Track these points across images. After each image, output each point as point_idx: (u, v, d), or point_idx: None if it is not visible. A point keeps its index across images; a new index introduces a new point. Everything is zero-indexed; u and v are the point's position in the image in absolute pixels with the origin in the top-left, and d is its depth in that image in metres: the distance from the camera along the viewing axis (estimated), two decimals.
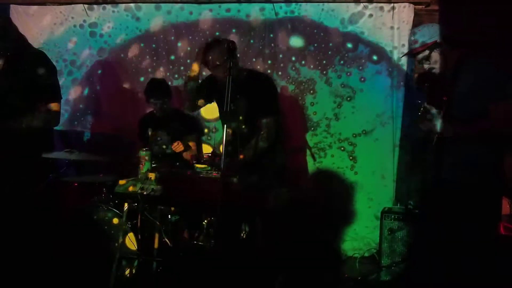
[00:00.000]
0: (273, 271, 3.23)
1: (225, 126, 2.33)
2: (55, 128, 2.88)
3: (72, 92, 4.38)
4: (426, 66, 2.75)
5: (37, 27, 4.33)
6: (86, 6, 4.23)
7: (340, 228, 4.00)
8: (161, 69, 4.25)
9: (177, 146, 3.58)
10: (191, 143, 3.77)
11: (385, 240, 3.40)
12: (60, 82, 2.97)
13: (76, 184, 3.56)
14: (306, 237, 3.76)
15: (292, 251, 3.56)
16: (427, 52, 2.68)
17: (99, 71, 4.34)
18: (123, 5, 4.23)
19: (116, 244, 2.75)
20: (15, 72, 2.38)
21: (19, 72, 2.38)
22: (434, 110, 2.63)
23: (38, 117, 2.46)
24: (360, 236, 3.97)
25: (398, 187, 3.93)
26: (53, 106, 2.52)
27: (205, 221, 3.30)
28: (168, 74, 4.23)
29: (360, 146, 4.01)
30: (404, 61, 3.89)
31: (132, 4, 4.22)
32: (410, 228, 3.33)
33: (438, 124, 2.59)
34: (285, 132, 3.47)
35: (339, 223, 4.00)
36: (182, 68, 4.21)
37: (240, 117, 3.00)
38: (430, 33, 2.68)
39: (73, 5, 4.27)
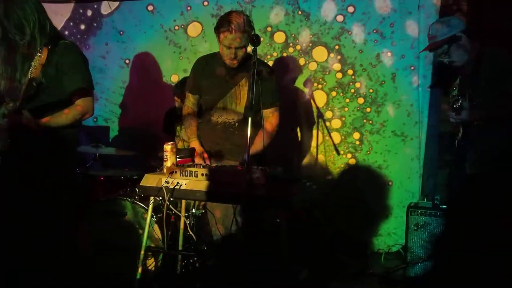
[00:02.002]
0: (297, 264, 3.22)
1: (249, 119, 2.30)
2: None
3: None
4: (445, 60, 2.68)
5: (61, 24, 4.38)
6: (110, 2, 4.28)
7: (366, 223, 3.95)
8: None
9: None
10: None
11: (411, 235, 3.33)
12: None
13: (102, 178, 3.61)
14: (332, 231, 3.73)
15: (316, 245, 3.54)
16: (445, 46, 2.62)
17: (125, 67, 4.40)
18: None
19: (142, 238, 2.77)
20: (53, 63, 2.39)
21: (57, 64, 2.39)
22: (463, 101, 2.59)
23: (75, 108, 2.47)
24: (386, 231, 3.92)
25: (424, 182, 3.85)
26: (88, 96, 2.51)
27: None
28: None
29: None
30: (430, 54, 3.77)
31: None
32: (436, 224, 3.26)
33: (466, 115, 2.55)
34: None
35: (366, 218, 3.95)
36: None
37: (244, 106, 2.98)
38: (448, 27, 2.62)
39: (97, 3, 4.32)
